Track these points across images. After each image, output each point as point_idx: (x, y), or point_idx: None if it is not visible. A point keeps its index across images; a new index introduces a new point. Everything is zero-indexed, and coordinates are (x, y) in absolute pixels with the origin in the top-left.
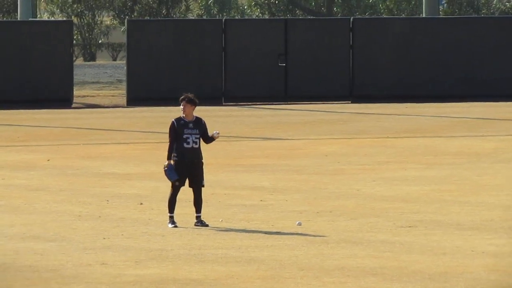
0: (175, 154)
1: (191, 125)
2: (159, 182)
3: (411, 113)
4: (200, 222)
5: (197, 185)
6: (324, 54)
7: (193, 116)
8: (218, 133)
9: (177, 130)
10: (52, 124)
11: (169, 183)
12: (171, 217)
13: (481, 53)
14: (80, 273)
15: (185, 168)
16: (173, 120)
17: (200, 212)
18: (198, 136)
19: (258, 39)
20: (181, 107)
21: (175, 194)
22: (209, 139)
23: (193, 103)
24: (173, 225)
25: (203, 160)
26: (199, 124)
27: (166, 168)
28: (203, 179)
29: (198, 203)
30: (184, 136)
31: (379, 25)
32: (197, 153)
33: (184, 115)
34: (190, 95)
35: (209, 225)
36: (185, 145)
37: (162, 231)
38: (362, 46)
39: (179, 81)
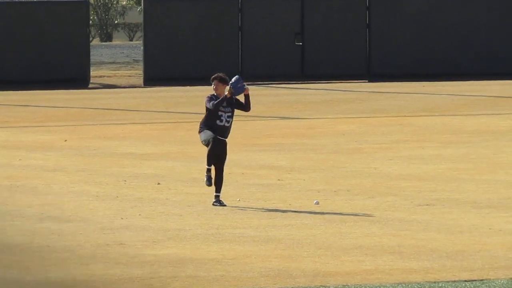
0: (204, 128)
1: (224, 103)
2: (177, 162)
3: (428, 92)
4: (218, 202)
5: (220, 163)
6: (341, 32)
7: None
8: (247, 88)
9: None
10: (69, 105)
11: (188, 163)
12: (209, 170)
13: (500, 30)
14: (98, 253)
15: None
16: (209, 95)
17: (219, 192)
18: (230, 114)
19: (274, 18)
20: (213, 86)
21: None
22: (245, 105)
23: (224, 81)
24: (208, 183)
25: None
26: (231, 102)
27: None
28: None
29: (218, 182)
30: (218, 113)
31: (396, 3)
32: (227, 132)
33: (216, 94)
34: (221, 74)
35: (227, 205)
36: (218, 122)
37: (179, 211)
38: (379, 24)
39: (196, 60)
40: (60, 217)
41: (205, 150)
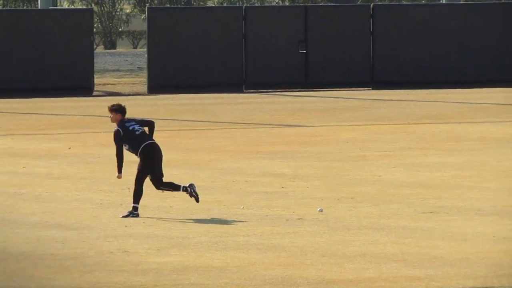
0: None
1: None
2: (180, 170)
3: (432, 99)
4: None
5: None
6: (345, 40)
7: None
8: None
9: None
10: (73, 112)
11: (192, 171)
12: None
13: (502, 38)
14: (102, 261)
15: None
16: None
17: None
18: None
19: (278, 26)
20: (111, 115)
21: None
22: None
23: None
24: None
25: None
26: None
27: None
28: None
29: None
30: (130, 128)
31: (399, 11)
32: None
33: (113, 121)
34: (120, 104)
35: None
36: (136, 133)
37: (183, 219)
38: (383, 32)
39: (200, 68)
40: (64, 224)
41: (207, 157)
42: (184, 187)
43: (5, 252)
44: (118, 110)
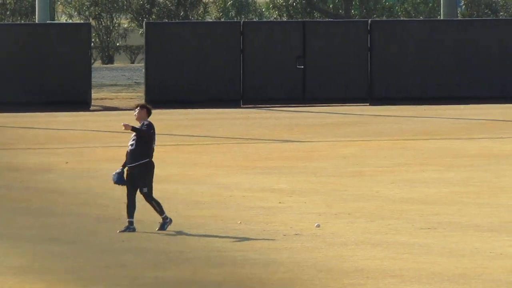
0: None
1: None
2: (178, 185)
3: (430, 115)
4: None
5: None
6: (342, 56)
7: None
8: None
9: None
10: (70, 127)
11: (189, 186)
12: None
13: (499, 55)
14: (99, 275)
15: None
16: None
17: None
18: (134, 138)
19: (276, 42)
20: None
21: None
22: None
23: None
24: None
25: (142, 162)
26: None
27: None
28: (142, 185)
29: (154, 208)
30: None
31: (397, 27)
32: (133, 157)
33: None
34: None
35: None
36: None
37: (181, 233)
38: (380, 48)
39: (197, 83)
40: (61, 239)
41: (204, 172)
42: (166, 216)
43: (2, 266)
44: (147, 110)
